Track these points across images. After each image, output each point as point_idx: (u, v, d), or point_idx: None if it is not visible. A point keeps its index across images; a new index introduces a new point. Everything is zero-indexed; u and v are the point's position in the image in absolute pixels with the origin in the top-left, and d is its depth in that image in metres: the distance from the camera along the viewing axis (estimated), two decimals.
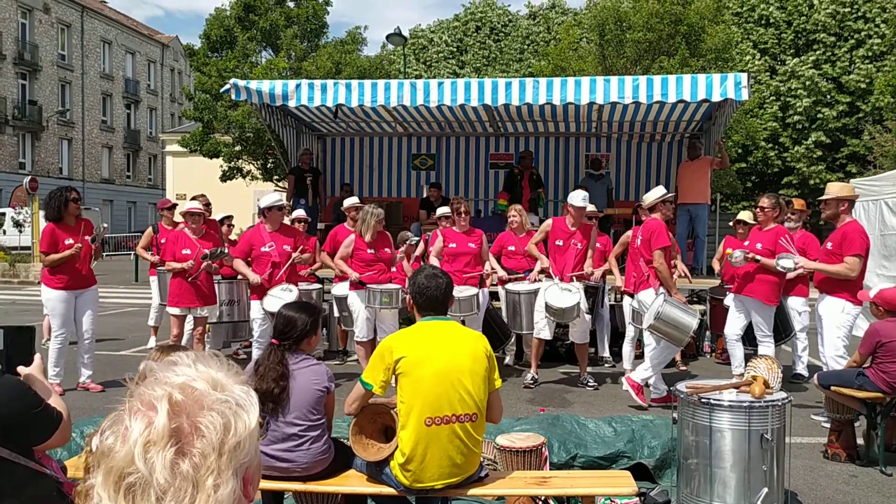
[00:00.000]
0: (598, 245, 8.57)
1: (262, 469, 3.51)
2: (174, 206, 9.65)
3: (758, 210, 7.07)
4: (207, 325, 8.18)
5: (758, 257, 6.73)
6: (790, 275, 7.18)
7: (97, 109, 44.86)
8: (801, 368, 8.11)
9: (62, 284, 7.06)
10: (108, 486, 0.98)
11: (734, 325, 7.13)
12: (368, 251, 7.51)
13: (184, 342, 7.69)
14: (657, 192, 7.20)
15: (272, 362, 3.53)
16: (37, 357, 2.63)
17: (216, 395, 1.04)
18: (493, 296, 8.68)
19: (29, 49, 39.32)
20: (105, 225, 7.42)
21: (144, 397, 1.02)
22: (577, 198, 7.68)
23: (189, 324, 7.88)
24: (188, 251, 7.41)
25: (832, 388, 5.44)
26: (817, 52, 26.73)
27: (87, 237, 7.14)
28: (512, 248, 8.45)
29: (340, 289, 8.29)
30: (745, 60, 25.92)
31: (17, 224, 25.42)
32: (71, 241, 7.00)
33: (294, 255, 7.47)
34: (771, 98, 26.82)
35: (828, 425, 5.80)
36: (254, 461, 1.08)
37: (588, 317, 7.72)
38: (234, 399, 1.05)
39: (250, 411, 1.06)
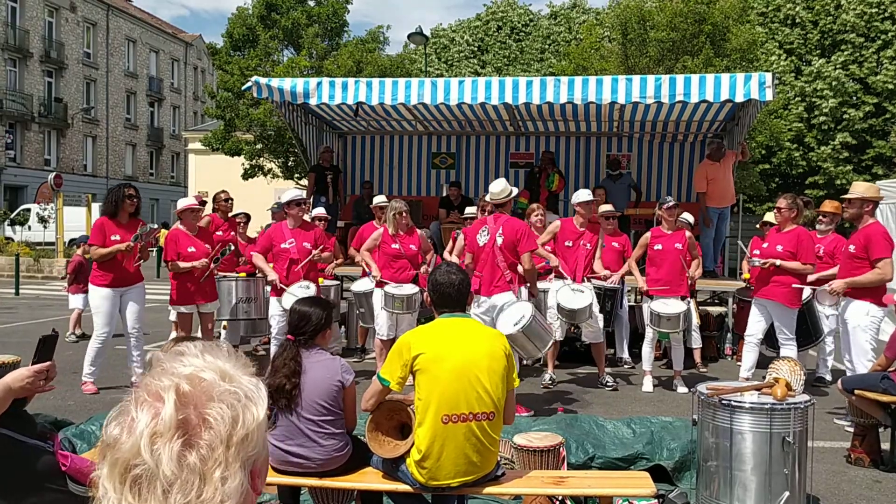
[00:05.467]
0: (616, 245, 8.52)
1: (279, 465, 3.54)
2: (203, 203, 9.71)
3: (775, 211, 6.99)
4: (225, 322, 8.23)
5: (777, 262, 6.64)
6: (811, 278, 7.09)
7: (121, 107, 45.32)
8: (825, 372, 8.01)
9: (107, 282, 6.99)
10: (114, 478, 0.96)
11: (754, 329, 7.04)
12: (393, 245, 7.55)
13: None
14: (505, 188, 6.74)
15: (286, 358, 3.54)
16: (42, 366, 2.75)
17: (224, 387, 1.02)
18: None
19: (55, 47, 39.81)
20: (155, 225, 7.37)
21: (151, 388, 1.00)
22: (583, 194, 7.67)
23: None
24: (193, 249, 7.44)
25: (856, 392, 5.35)
26: (844, 53, 26.37)
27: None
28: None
29: (361, 285, 8.31)
30: (771, 61, 25.64)
31: (42, 220, 25.74)
32: (118, 237, 6.93)
33: (314, 252, 7.49)
34: (796, 99, 26.51)
35: (851, 429, 5.71)
36: (262, 454, 1.05)
37: (601, 317, 7.65)
38: (243, 390, 1.03)
39: (258, 403, 1.04)
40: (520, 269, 7.99)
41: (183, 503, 0.94)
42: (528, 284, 6.76)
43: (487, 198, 7.08)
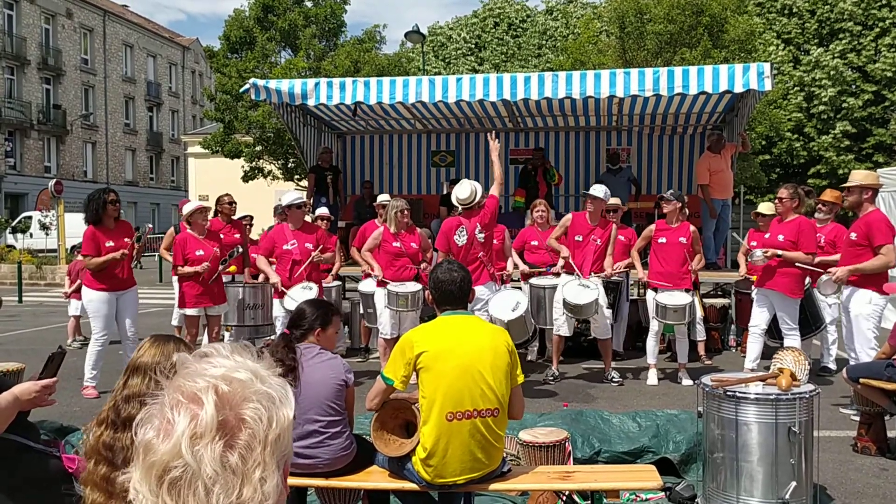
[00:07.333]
0: (621, 238, 8.51)
1: None
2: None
3: (776, 201, 6.97)
4: (230, 326, 8.22)
5: (779, 252, 6.62)
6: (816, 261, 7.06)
7: (120, 112, 45.33)
8: (829, 362, 7.99)
9: (104, 286, 7.02)
10: (150, 481, 0.96)
11: (757, 320, 7.03)
12: (394, 244, 7.58)
13: (204, 342, 7.74)
14: (471, 192, 7.11)
15: (279, 347, 3.56)
16: (49, 381, 2.85)
17: (258, 387, 1.02)
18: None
19: (52, 54, 39.82)
20: (150, 225, 7.47)
21: (185, 389, 0.99)
22: (595, 190, 7.73)
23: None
24: (201, 252, 7.44)
25: (861, 380, 5.35)
26: (842, 42, 26.32)
27: (127, 239, 7.12)
28: (535, 242, 8.46)
29: (366, 285, 8.33)
30: (769, 51, 25.58)
31: (44, 227, 25.72)
32: (111, 243, 6.96)
33: (314, 253, 7.48)
34: (795, 88, 26.46)
35: (857, 419, 5.70)
36: (290, 454, 1.06)
37: (608, 312, 7.65)
38: (275, 391, 1.04)
39: (287, 404, 1.04)
40: (509, 265, 8.11)
41: (226, 503, 0.95)
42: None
43: (454, 202, 7.28)
